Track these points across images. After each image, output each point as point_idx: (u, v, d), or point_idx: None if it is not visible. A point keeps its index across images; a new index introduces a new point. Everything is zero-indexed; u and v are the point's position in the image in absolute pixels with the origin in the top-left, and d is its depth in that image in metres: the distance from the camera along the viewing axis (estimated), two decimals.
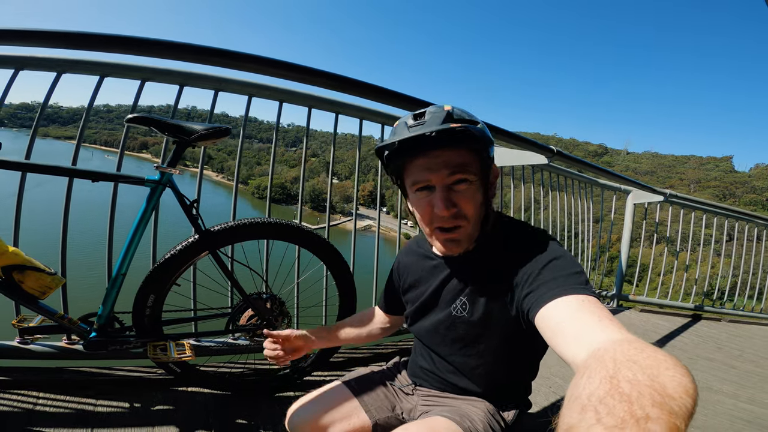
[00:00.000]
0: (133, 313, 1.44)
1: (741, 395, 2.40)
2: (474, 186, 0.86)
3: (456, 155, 0.84)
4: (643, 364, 0.43)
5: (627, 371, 0.42)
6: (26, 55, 1.55)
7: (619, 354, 0.46)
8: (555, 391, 2.06)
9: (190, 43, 1.52)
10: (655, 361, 0.43)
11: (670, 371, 0.41)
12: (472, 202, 0.86)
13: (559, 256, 0.79)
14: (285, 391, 1.74)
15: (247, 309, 1.57)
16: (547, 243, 0.84)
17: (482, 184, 0.88)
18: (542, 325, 0.70)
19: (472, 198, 0.86)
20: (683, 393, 0.39)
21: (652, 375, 0.41)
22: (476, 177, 0.86)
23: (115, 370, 1.72)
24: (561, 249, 0.82)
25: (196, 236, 1.44)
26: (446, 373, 1.04)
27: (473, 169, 0.85)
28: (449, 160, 0.84)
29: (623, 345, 0.49)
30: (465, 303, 0.94)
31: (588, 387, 0.41)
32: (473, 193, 0.86)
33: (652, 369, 0.42)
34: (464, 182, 0.85)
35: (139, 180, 1.37)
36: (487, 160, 0.88)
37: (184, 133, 1.34)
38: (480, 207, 0.88)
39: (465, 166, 0.85)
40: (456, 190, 0.86)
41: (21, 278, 1.27)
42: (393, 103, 2.00)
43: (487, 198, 0.90)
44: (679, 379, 0.41)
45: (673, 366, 0.43)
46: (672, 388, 0.39)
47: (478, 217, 0.89)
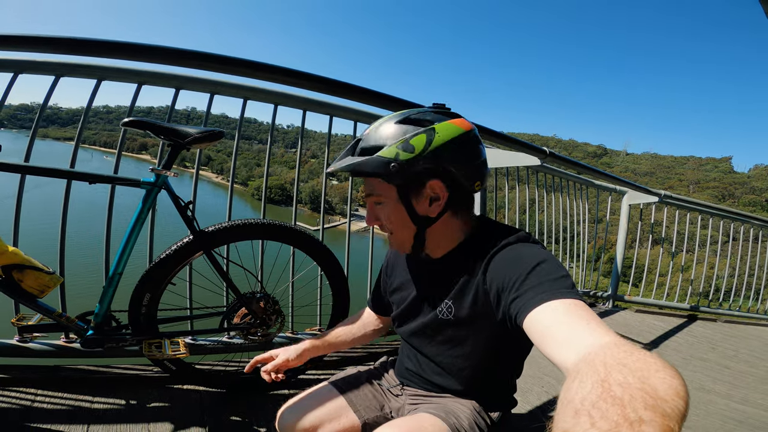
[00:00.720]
0: (130, 312, 1.47)
1: (734, 395, 2.41)
2: (387, 206, 0.92)
3: (368, 181, 0.93)
4: (633, 366, 0.43)
5: (618, 374, 0.42)
6: (25, 59, 1.58)
7: (609, 357, 0.47)
8: (547, 391, 2.07)
9: (187, 49, 1.55)
10: (644, 363, 0.44)
11: (660, 373, 0.42)
12: (389, 219, 0.93)
13: (544, 260, 0.78)
14: (279, 389, 1.76)
15: (241, 308, 1.60)
16: (532, 247, 0.85)
17: (399, 203, 0.90)
18: (531, 330, 0.69)
19: (387, 216, 0.93)
20: (674, 395, 0.40)
21: (643, 377, 0.41)
22: (387, 198, 0.91)
23: (112, 368, 1.74)
24: (546, 253, 0.82)
25: (191, 236, 1.47)
26: (432, 374, 1.05)
27: (382, 192, 0.91)
28: (366, 184, 0.95)
29: (612, 348, 0.50)
30: (450, 306, 0.94)
31: (580, 391, 0.42)
32: (388, 212, 0.92)
33: (642, 371, 0.42)
34: (379, 203, 0.93)
35: (135, 182, 1.40)
36: (404, 183, 0.88)
37: (178, 137, 1.36)
38: (402, 223, 0.92)
39: (373, 190, 0.92)
40: (377, 207, 0.94)
41: (20, 277, 1.29)
42: (382, 105, 2.02)
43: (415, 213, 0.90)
44: (670, 381, 0.41)
45: (662, 368, 0.43)
46: (663, 390, 0.40)
47: (404, 230, 0.93)
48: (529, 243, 0.87)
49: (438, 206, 0.90)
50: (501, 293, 0.81)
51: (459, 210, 0.94)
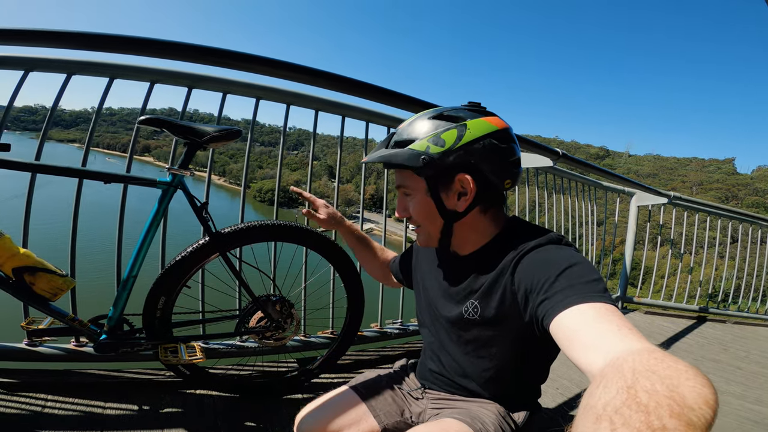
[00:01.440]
0: (144, 316, 1.44)
1: (748, 396, 2.41)
2: (416, 199, 0.93)
3: (399, 173, 0.96)
4: (662, 374, 0.42)
5: (645, 381, 0.41)
6: (36, 56, 1.56)
7: (638, 364, 0.45)
8: (562, 393, 2.05)
9: (201, 44, 1.53)
10: (675, 371, 0.42)
11: (691, 381, 0.40)
12: (417, 211, 0.94)
13: (576, 262, 0.76)
14: (293, 394, 1.75)
15: (256, 311, 1.57)
16: (564, 249, 0.83)
17: (428, 197, 0.91)
18: (557, 333, 0.68)
19: (416, 209, 0.94)
20: (703, 404, 0.38)
21: (672, 385, 0.40)
22: (418, 192, 0.93)
23: (124, 373, 1.72)
24: (578, 255, 0.81)
25: (207, 238, 1.45)
26: (456, 376, 1.03)
27: (412, 185, 0.93)
28: (396, 176, 0.98)
29: (643, 355, 0.48)
30: (477, 306, 0.93)
31: (604, 396, 0.41)
32: (417, 203, 0.93)
33: (672, 379, 0.41)
34: (408, 195, 0.96)
35: (151, 182, 1.37)
36: (434, 176, 0.89)
37: (195, 135, 1.34)
38: (430, 217, 0.93)
39: (403, 182, 0.95)
40: (407, 199, 0.97)
41: (32, 280, 1.26)
42: (399, 105, 2.00)
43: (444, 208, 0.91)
44: (700, 389, 0.39)
45: (693, 376, 0.41)
46: (692, 398, 0.38)
47: (431, 225, 0.95)
48: (561, 245, 0.86)
49: (465, 201, 0.90)
50: (529, 294, 0.79)
51: (488, 207, 0.93)
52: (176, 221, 1.43)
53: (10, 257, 1.24)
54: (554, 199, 3.66)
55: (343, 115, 2.14)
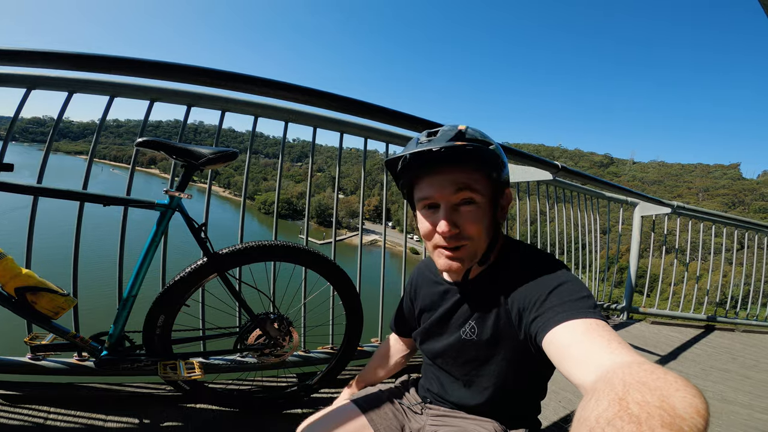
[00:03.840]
0: (144, 333, 1.45)
1: (756, 405, 2.37)
2: (480, 207, 0.86)
3: (463, 174, 0.85)
4: (652, 385, 0.43)
5: (636, 393, 0.42)
6: (39, 74, 1.59)
7: (629, 376, 0.46)
8: (565, 406, 2.04)
9: (199, 66, 1.56)
10: (665, 382, 0.43)
11: (681, 392, 0.41)
12: (476, 224, 0.86)
13: (566, 281, 0.78)
14: (293, 408, 1.74)
15: (255, 329, 1.58)
16: (555, 267, 0.84)
17: (490, 206, 0.88)
18: (550, 349, 0.69)
19: (477, 220, 0.86)
20: (694, 413, 0.39)
21: (662, 396, 0.41)
22: (483, 198, 0.86)
23: (125, 387, 1.73)
24: (568, 274, 0.82)
25: (205, 259, 1.46)
26: (456, 393, 1.04)
27: (480, 189, 0.86)
28: (456, 178, 0.85)
29: (632, 367, 0.49)
30: (474, 327, 0.94)
31: (596, 409, 0.42)
32: (478, 214, 0.86)
33: (662, 390, 0.42)
34: (470, 203, 0.86)
35: (149, 204, 1.39)
36: (498, 183, 0.88)
37: (192, 157, 1.36)
38: (486, 229, 0.88)
39: (471, 185, 0.85)
40: (460, 211, 0.86)
41: (34, 299, 1.28)
42: (397, 123, 2.01)
43: (495, 221, 0.91)
44: (690, 399, 0.40)
45: (683, 387, 0.42)
46: (682, 408, 0.39)
47: (484, 239, 0.89)
48: (552, 264, 0.87)
49: (503, 216, 0.93)
50: (522, 312, 0.81)
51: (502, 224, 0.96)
52: (182, 236, 1.44)
53: (13, 277, 1.26)
54: (557, 210, 3.65)
55: (341, 131, 2.16)
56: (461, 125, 0.88)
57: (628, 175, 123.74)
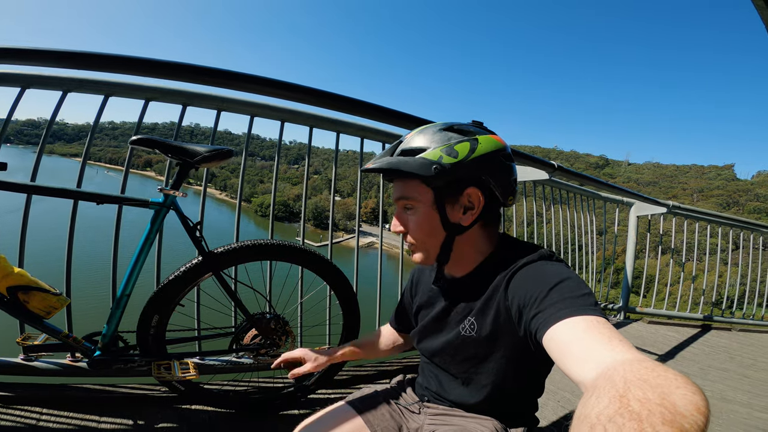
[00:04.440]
0: (138, 333, 1.44)
1: (755, 404, 2.38)
2: (420, 212, 0.91)
3: (400, 183, 0.93)
4: (653, 383, 0.43)
5: (637, 390, 0.42)
6: (33, 73, 1.57)
7: (629, 373, 0.46)
8: (563, 406, 2.03)
9: (194, 64, 1.55)
10: (665, 380, 0.43)
11: (681, 389, 0.41)
12: (417, 228, 0.92)
13: (566, 277, 0.78)
14: (289, 409, 1.73)
15: (250, 329, 1.57)
16: (555, 264, 0.85)
17: (434, 209, 0.90)
18: (550, 346, 0.69)
19: (417, 224, 0.92)
20: (694, 410, 0.39)
21: (663, 393, 0.41)
22: (422, 204, 0.90)
23: (119, 387, 1.71)
24: (569, 270, 0.82)
25: (200, 258, 1.44)
26: (454, 392, 1.03)
27: (417, 196, 0.90)
28: (397, 187, 0.94)
29: (633, 364, 0.49)
30: (473, 323, 0.94)
31: (597, 406, 0.41)
32: (419, 219, 0.92)
33: (663, 387, 0.42)
34: (410, 208, 0.93)
35: (144, 202, 1.38)
36: (443, 187, 0.89)
37: (187, 156, 1.34)
38: (430, 232, 0.92)
39: (405, 195, 0.92)
40: (407, 214, 0.94)
41: (26, 298, 1.27)
42: (392, 121, 2.01)
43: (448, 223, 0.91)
44: (690, 396, 0.40)
45: (684, 384, 0.42)
46: (683, 405, 0.39)
47: (429, 241, 0.93)
48: (552, 261, 0.87)
49: (471, 215, 0.91)
50: (522, 309, 0.80)
51: (488, 224, 0.95)
52: (181, 237, 1.43)
53: (5, 277, 1.25)
54: (553, 211, 3.66)
55: (338, 131, 2.15)
56: (412, 132, 0.94)
57: (624, 177, 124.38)
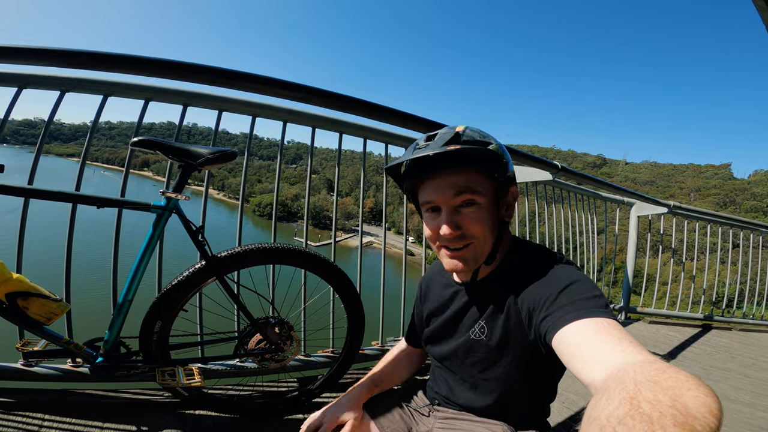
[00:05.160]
0: (140, 339, 1.41)
1: (758, 404, 2.39)
2: (483, 207, 0.87)
3: (463, 176, 0.86)
4: (664, 384, 0.42)
5: (648, 392, 0.41)
6: (30, 73, 1.55)
7: (640, 375, 0.45)
8: (569, 407, 2.02)
9: (196, 63, 1.52)
10: (677, 381, 0.42)
11: (693, 391, 0.41)
12: (480, 224, 0.87)
13: (577, 279, 0.78)
14: (294, 414, 1.71)
15: (255, 333, 1.54)
16: (565, 267, 0.84)
17: (493, 205, 0.89)
18: (560, 348, 0.68)
19: (480, 220, 0.87)
20: (707, 412, 0.38)
21: (674, 395, 0.40)
22: (485, 198, 0.87)
23: (122, 393, 1.68)
24: (579, 273, 0.82)
25: (203, 262, 1.42)
26: (464, 396, 1.03)
27: (482, 190, 0.86)
28: (456, 181, 0.86)
29: (644, 366, 0.48)
30: (483, 327, 0.93)
31: (607, 408, 0.41)
32: (481, 214, 0.87)
33: (674, 389, 0.41)
34: (472, 204, 0.87)
35: (145, 206, 1.35)
36: (502, 182, 0.88)
37: (190, 157, 1.32)
38: (490, 228, 0.88)
39: (472, 187, 0.86)
40: (462, 213, 0.87)
41: (25, 304, 1.25)
42: (397, 122, 1.99)
43: (499, 220, 0.91)
44: (703, 398, 0.40)
45: (696, 386, 0.42)
46: (695, 407, 0.38)
47: (488, 239, 0.89)
48: (562, 263, 0.87)
49: (510, 213, 0.93)
50: (532, 312, 0.80)
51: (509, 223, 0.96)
52: (176, 239, 1.40)
53: (3, 283, 1.23)
54: (554, 209, 3.65)
55: (340, 131, 2.13)
56: (460, 126, 0.90)
57: (621, 176, 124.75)
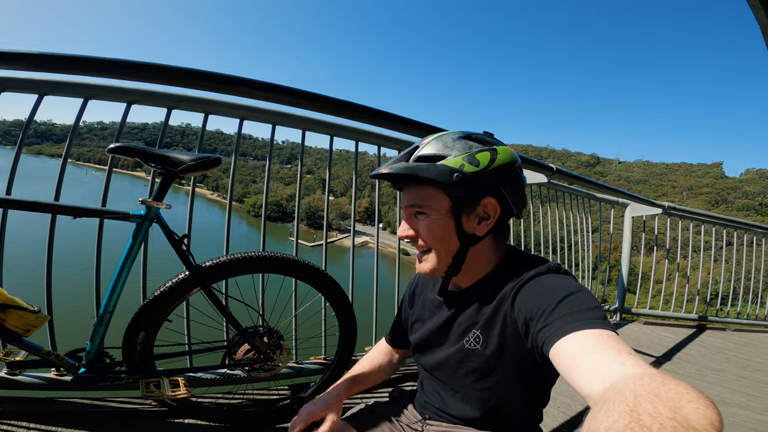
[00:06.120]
0: (123, 349, 1.37)
1: (754, 406, 2.38)
2: (434, 220, 0.88)
3: (414, 191, 0.90)
4: (665, 396, 0.42)
5: (648, 404, 0.40)
6: (5, 76, 1.51)
7: (640, 387, 0.45)
8: (564, 412, 2.02)
9: (179, 66, 1.48)
10: (677, 393, 0.42)
11: (694, 403, 0.40)
12: (430, 234, 0.89)
13: (575, 291, 0.76)
14: (285, 422, 1.67)
15: (243, 343, 1.51)
16: (563, 278, 0.83)
17: (450, 218, 0.88)
18: (557, 359, 0.67)
19: (429, 230, 0.89)
20: (707, 424, 0.38)
21: (675, 407, 0.40)
22: (437, 212, 0.88)
23: (108, 402, 1.65)
24: (577, 284, 0.80)
25: (187, 272, 1.38)
26: (456, 407, 1.00)
27: (433, 204, 0.88)
28: (410, 194, 0.91)
29: (644, 379, 0.47)
30: (478, 336, 0.91)
31: (606, 420, 0.41)
32: (432, 226, 0.89)
33: (675, 401, 0.40)
34: (421, 214, 0.90)
35: (125, 215, 1.30)
36: (461, 195, 0.86)
37: (170, 164, 1.27)
38: (443, 239, 0.89)
39: (419, 203, 0.89)
40: (417, 219, 0.91)
41: (2, 317, 1.22)
42: (389, 126, 1.97)
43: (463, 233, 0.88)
44: (703, 411, 0.39)
45: (696, 398, 0.41)
46: (695, 419, 0.38)
47: (443, 249, 0.90)
48: (560, 274, 0.85)
49: (487, 226, 0.89)
50: (529, 322, 0.78)
51: (499, 235, 0.94)
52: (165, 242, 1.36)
53: None
54: (549, 209, 3.64)
55: (331, 134, 2.10)
56: (428, 138, 0.91)
57: (614, 175, 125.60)
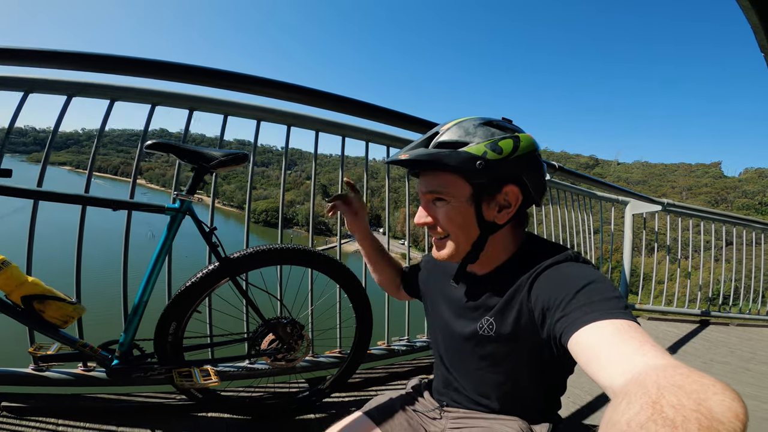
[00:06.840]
0: (155, 341, 1.43)
1: (761, 396, 2.43)
2: (452, 206, 0.87)
3: (433, 177, 0.88)
4: (688, 389, 0.41)
5: (671, 396, 0.40)
6: (36, 77, 1.55)
7: (663, 379, 0.44)
8: (574, 402, 2.04)
9: (203, 66, 1.54)
10: (701, 386, 0.41)
11: (719, 395, 0.39)
12: (448, 221, 0.88)
13: (594, 279, 0.75)
14: (305, 414, 1.72)
15: (267, 334, 1.56)
16: (582, 266, 0.82)
17: (470, 205, 0.87)
18: (576, 350, 0.65)
19: (448, 216, 0.88)
20: (732, 417, 0.37)
21: (699, 399, 0.39)
22: (456, 198, 0.86)
23: (134, 396, 1.69)
24: (597, 273, 0.79)
25: (217, 264, 1.44)
26: (474, 392, 1.00)
27: (452, 191, 0.86)
28: (428, 180, 0.89)
29: (667, 370, 0.46)
30: (492, 323, 0.90)
31: (628, 412, 0.40)
32: (450, 212, 0.87)
33: (699, 393, 0.40)
34: (440, 200, 0.89)
35: (160, 208, 1.36)
36: (483, 183, 0.85)
37: (203, 160, 1.34)
38: (462, 227, 0.88)
39: (438, 190, 0.88)
40: (436, 206, 0.90)
41: (42, 308, 1.25)
42: (398, 124, 2.01)
43: (483, 220, 0.88)
44: (729, 403, 0.39)
45: (721, 390, 0.40)
46: (720, 412, 0.37)
47: (462, 236, 0.89)
48: (579, 262, 0.84)
49: (507, 214, 0.88)
50: (547, 312, 0.77)
51: (519, 223, 0.93)
52: (177, 241, 1.41)
53: (18, 286, 1.23)
54: (550, 208, 3.67)
55: (343, 135, 2.14)
56: (448, 123, 0.89)
57: (613, 176, 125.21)
